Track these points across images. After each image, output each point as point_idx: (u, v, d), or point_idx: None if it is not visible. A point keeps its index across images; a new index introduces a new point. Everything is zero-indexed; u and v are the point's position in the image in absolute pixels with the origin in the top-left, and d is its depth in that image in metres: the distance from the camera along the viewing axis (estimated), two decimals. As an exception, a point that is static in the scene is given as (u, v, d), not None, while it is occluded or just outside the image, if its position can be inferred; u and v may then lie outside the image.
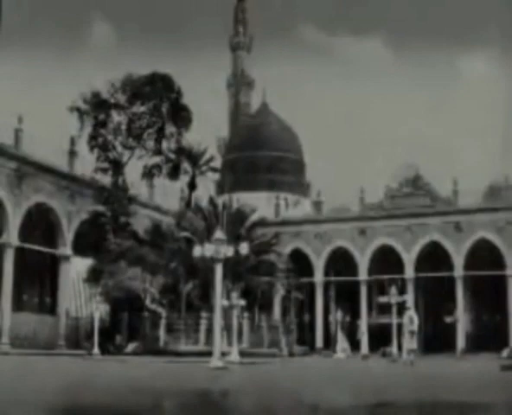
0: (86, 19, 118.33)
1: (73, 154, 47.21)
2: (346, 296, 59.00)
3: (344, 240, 58.06)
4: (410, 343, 29.25)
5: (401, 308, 36.25)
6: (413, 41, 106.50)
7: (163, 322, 41.09)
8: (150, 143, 46.42)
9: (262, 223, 47.04)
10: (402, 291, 48.21)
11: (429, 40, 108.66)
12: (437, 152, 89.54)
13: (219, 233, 23.24)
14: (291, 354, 45.96)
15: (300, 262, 56.08)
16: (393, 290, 41.52)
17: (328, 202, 61.57)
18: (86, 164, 45.93)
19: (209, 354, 23.57)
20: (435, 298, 57.83)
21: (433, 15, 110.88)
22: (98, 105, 44.90)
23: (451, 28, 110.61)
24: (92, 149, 45.09)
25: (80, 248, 47.01)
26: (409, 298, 47.33)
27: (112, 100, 45.30)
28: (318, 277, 58.74)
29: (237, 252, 24.62)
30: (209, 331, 34.94)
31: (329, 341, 56.12)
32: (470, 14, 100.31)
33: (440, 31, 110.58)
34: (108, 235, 44.41)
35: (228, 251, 23.14)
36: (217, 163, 58.32)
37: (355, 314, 56.96)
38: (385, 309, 47.89)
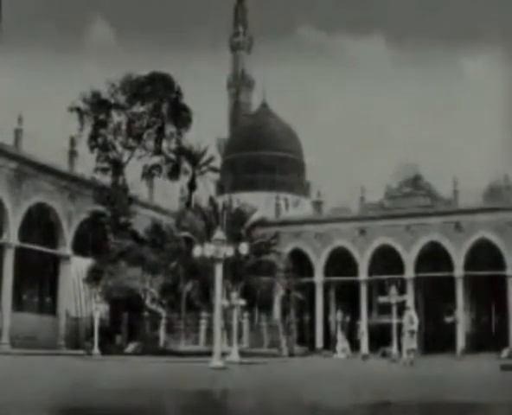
0: (86, 19, 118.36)
1: (73, 154, 47.24)
2: (346, 297, 59.00)
3: (344, 240, 58.05)
4: (410, 343, 29.24)
5: (401, 308, 36.22)
6: (415, 41, 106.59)
7: (163, 322, 41.13)
8: (150, 143, 46.48)
9: (262, 223, 47.07)
10: (402, 291, 48.25)
11: (430, 40, 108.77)
12: (437, 152, 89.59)
13: (219, 233, 23.23)
14: (291, 354, 45.97)
15: (300, 262, 56.12)
16: (393, 290, 41.52)
17: (328, 202, 61.61)
18: (86, 164, 46.00)
19: (209, 354, 23.57)
20: (435, 298, 57.86)
21: (435, 15, 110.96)
22: (98, 106, 44.92)
23: (453, 28, 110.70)
24: (92, 149, 45.12)
25: (80, 248, 47.06)
26: (409, 298, 47.31)
27: (112, 100, 45.33)
28: (318, 277, 58.73)
29: (237, 251, 24.62)
30: (209, 331, 34.95)
31: (329, 342, 56.10)
32: (472, 14, 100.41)
33: (442, 31, 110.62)
34: (108, 235, 44.46)
35: (228, 251, 23.13)
36: (217, 163, 58.39)
37: (355, 314, 56.92)
38: (385, 309, 47.87)
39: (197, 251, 23.96)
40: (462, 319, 54.98)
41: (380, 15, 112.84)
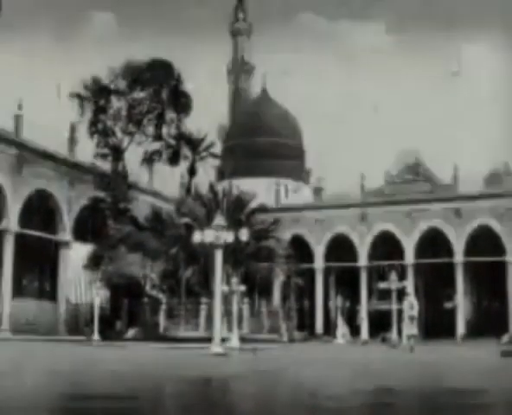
0: (85, 5, 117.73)
1: (73, 140, 47.18)
2: (346, 282, 59.01)
3: (344, 226, 58.03)
4: (410, 329, 29.26)
5: (401, 294, 36.25)
6: (415, 27, 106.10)
7: (163, 308, 41.14)
8: (150, 129, 46.42)
9: (262, 209, 46.98)
10: (402, 277, 48.24)
11: (431, 25, 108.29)
12: (437, 138, 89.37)
13: (219, 219, 23.20)
14: (291, 340, 46.01)
15: (300, 248, 56.09)
16: (393, 275, 41.52)
17: (328, 188, 61.49)
18: (87, 150, 45.96)
19: (209, 339, 23.59)
20: (435, 284, 57.87)
21: (435, 0, 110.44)
22: (98, 92, 44.85)
23: (454, 15, 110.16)
24: (92, 135, 45.08)
25: (79, 234, 47.04)
26: (409, 284, 47.37)
27: (112, 86, 45.25)
28: (318, 263, 58.75)
29: (237, 237, 24.59)
30: (209, 317, 34.96)
31: (329, 327, 56.19)
32: (473, 0, 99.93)
33: (443, 17, 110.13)
34: (108, 221, 44.46)
35: (228, 237, 23.11)
36: (217, 149, 58.27)
37: (354, 299, 56.98)
38: (385, 294, 47.91)
39: (197, 237, 23.92)
40: (462, 305, 55.05)
41: (382, 1, 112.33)
